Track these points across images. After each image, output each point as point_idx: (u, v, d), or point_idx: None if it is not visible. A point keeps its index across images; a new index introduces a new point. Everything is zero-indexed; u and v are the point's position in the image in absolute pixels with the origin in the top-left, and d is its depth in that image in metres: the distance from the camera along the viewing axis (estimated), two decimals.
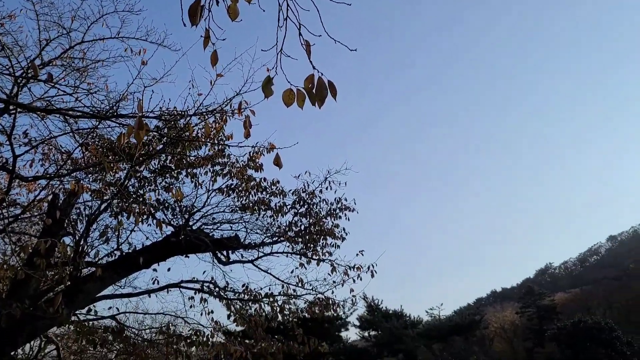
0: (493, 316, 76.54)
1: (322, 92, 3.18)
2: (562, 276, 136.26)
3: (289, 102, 3.24)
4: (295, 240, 9.02)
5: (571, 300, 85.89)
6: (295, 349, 8.82)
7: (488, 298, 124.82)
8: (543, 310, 73.05)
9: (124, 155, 7.12)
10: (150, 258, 7.75)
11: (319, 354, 27.07)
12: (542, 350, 60.56)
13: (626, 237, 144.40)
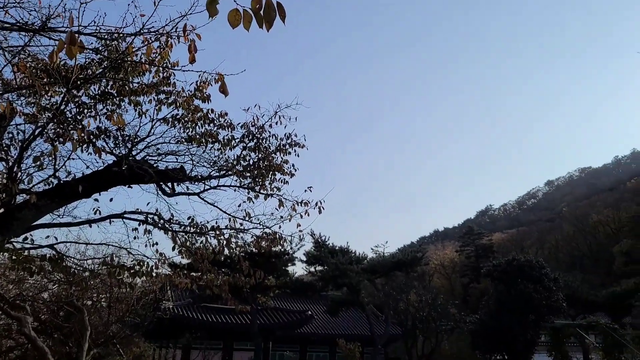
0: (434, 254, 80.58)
1: (270, 13, 3.07)
2: (501, 217, 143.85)
3: (235, 23, 3.12)
4: (244, 174, 8.91)
5: (507, 240, 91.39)
6: (241, 281, 8.94)
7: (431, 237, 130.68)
8: (481, 249, 77.44)
9: (59, 77, 6.67)
10: (91, 187, 7.49)
11: (265, 286, 27.77)
12: (478, 285, 64.69)
13: (562, 182, 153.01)
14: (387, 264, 32.73)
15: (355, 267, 30.43)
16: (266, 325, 30.69)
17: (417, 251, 35.34)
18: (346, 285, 30.28)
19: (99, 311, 15.15)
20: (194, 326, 27.41)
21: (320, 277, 31.72)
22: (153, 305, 18.05)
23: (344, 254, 31.42)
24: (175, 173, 8.37)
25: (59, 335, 13.73)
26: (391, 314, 30.04)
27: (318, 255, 31.43)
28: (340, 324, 38.41)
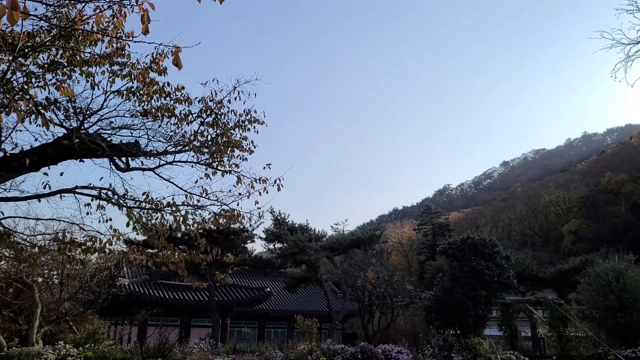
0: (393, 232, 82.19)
1: None
2: (458, 197, 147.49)
3: None
4: (201, 150, 8.75)
5: (463, 219, 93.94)
6: (198, 258, 8.87)
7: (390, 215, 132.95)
8: (438, 227, 79.50)
9: (6, 45, 6.34)
10: (39, 160, 7.20)
11: (224, 263, 27.68)
12: (434, 263, 66.53)
13: (517, 163, 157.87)
14: (346, 241, 33.15)
15: (314, 245, 30.67)
16: (224, 301, 30.71)
17: (375, 229, 35.93)
18: (305, 262, 30.53)
19: (51, 288, 14.80)
20: (150, 303, 27.15)
21: (280, 254, 31.84)
22: (108, 282, 17.75)
23: (304, 232, 31.59)
24: (129, 147, 8.14)
25: (8, 312, 13.35)
26: (349, 291, 30.54)
27: (277, 232, 31.47)
28: (298, 301, 38.88)
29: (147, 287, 28.68)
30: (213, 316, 26.99)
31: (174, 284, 29.94)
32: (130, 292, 26.41)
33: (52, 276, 14.37)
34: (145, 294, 27.82)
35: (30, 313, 11.17)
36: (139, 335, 25.33)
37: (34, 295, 11.28)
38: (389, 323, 29.36)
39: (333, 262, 33.69)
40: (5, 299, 13.23)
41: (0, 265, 12.21)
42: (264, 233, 32.33)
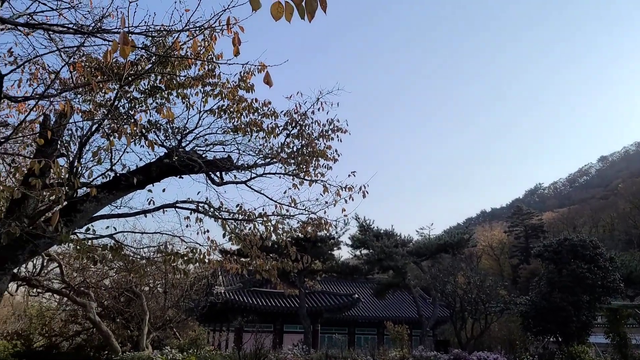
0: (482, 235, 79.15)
1: (312, 4, 3.09)
2: (551, 196, 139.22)
3: (278, 15, 3.15)
4: (288, 161, 9.07)
5: (558, 220, 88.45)
6: (288, 266, 9.14)
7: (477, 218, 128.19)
8: (530, 229, 75.50)
9: (112, 75, 6.99)
10: (145, 179, 7.84)
11: (312, 270, 28.20)
12: (527, 266, 63.23)
13: (617, 158, 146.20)
14: (433, 246, 32.47)
15: (400, 250, 30.37)
16: (314, 308, 31.16)
17: (463, 232, 34.88)
18: (392, 268, 30.30)
19: (156, 296, 15.88)
20: (245, 310, 28.16)
21: (366, 260, 31.83)
22: (206, 290, 18.72)
23: (389, 237, 31.38)
24: (223, 162, 8.64)
25: (121, 319, 14.52)
26: (438, 297, 29.87)
27: (363, 238, 31.51)
28: (387, 307, 38.54)
29: (241, 294, 29.80)
30: (304, 322, 27.50)
31: (266, 291, 30.87)
32: (226, 299, 27.57)
33: (157, 285, 15.45)
34: (240, 301, 28.92)
35: (140, 320, 12.08)
36: (236, 341, 26.38)
37: (143, 303, 12.19)
38: (482, 330, 28.33)
39: (421, 267, 33.14)
40: (119, 307, 14.40)
41: (113, 276, 13.33)
42: (349, 240, 32.54)
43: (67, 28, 4.78)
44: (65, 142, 7.44)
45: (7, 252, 6.57)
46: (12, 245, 6.46)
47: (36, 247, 6.86)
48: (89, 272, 12.63)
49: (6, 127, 7.05)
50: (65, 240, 6.50)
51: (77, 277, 12.35)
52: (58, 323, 18.31)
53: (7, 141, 6.65)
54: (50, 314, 18.53)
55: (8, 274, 7.00)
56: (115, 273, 12.70)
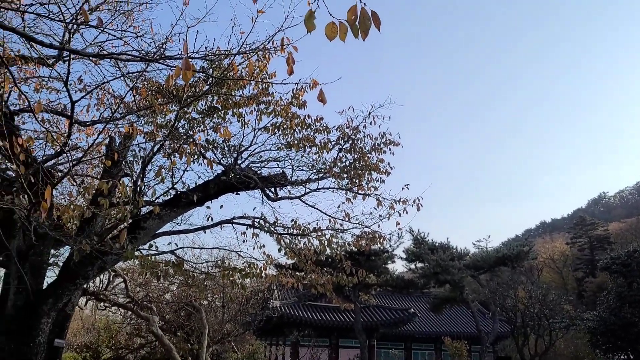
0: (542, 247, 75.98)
1: (366, 23, 3.11)
2: (617, 205, 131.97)
3: (332, 35, 3.20)
4: (341, 175, 9.13)
5: (626, 230, 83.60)
6: (343, 280, 9.15)
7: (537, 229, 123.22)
8: (595, 240, 71.83)
9: (172, 97, 7.32)
10: (203, 196, 8.11)
11: (367, 284, 27.96)
12: (594, 279, 60.12)
13: None
14: (491, 259, 31.51)
15: (457, 263, 29.68)
16: (370, 322, 30.87)
17: (522, 245, 33.66)
18: (448, 281, 29.63)
19: (215, 310, 16.25)
20: (301, 324, 28.26)
21: (422, 274, 31.30)
22: (262, 304, 18.97)
23: (445, 250, 30.75)
24: (277, 178, 8.81)
25: (182, 333, 14.96)
26: (498, 311, 28.87)
27: (418, 252, 31.04)
28: (444, 322, 37.63)
29: (297, 308, 29.96)
30: (360, 337, 27.28)
31: (321, 305, 30.89)
32: (282, 313, 27.80)
33: (215, 299, 15.83)
34: (296, 315, 29.07)
35: (200, 334, 12.41)
36: (292, 355, 26.52)
37: (202, 317, 12.52)
38: (547, 346, 27.10)
39: (478, 281, 32.22)
40: (179, 321, 14.85)
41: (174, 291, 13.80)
42: (404, 253, 32.14)
43: (132, 57, 5.07)
44: (129, 162, 7.83)
45: (78, 268, 6.95)
46: (83, 261, 6.83)
47: (104, 263, 7.22)
48: (151, 286, 13.12)
49: (77, 150, 7.51)
50: (130, 256, 6.80)
51: (140, 291, 12.86)
52: (124, 336, 19.12)
53: (78, 163, 7.08)
54: (117, 327, 19.36)
55: (79, 288, 7.39)
56: (176, 287, 13.14)
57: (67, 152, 6.27)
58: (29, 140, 5.62)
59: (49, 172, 6.56)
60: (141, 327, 15.74)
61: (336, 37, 3.21)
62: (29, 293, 6.68)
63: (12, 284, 6.82)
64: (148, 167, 7.70)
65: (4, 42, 5.94)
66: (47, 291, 7.00)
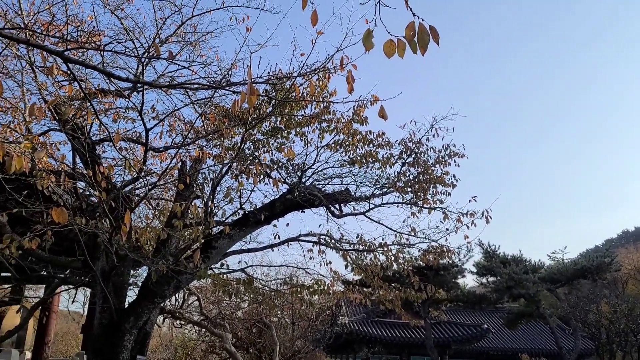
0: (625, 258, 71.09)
1: (424, 38, 3.11)
2: None
3: (390, 53, 3.22)
4: (405, 190, 9.08)
5: None
6: (412, 296, 9.03)
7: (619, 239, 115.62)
8: None
9: (238, 120, 7.62)
10: (270, 215, 8.31)
11: (436, 300, 27.34)
12: None
13: None
14: (569, 271, 29.90)
15: (531, 277, 28.39)
16: (442, 339, 30.07)
17: (604, 256, 31.71)
18: (523, 296, 28.37)
19: (284, 327, 16.45)
20: (370, 341, 27.99)
21: (494, 288, 30.18)
22: (331, 321, 19.00)
23: (518, 263, 29.53)
24: (341, 195, 8.88)
25: (254, 350, 15.25)
26: (580, 327, 27.30)
27: (489, 265, 30.01)
28: (520, 338, 35.97)
29: (366, 325, 29.72)
30: (432, 354, 26.62)
31: (390, 321, 30.48)
32: (351, 330, 27.67)
33: (285, 316, 16.04)
34: (365, 331, 28.83)
35: (271, 350, 12.61)
36: None
37: (273, 334, 12.72)
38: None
39: (556, 294, 30.63)
40: (251, 338, 15.16)
41: (245, 308, 14.13)
42: (474, 267, 31.17)
43: (201, 84, 5.36)
44: (200, 185, 8.18)
45: (156, 288, 7.30)
46: (160, 281, 7.17)
47: (179, 283, 7.55)
48: (224, 304, 13.51)
49: (152, 175, 7.95)
50: (203, 275, 7.07)
51: (214, 309, 13.27)
52: (199, 353, 19.72)
53: (153, 188, 7.49)
54: (192, 345, 20.02)
55: (157, 307, 7.75)
56: (247, 305, 13.45)
57: (143, 177, 6.66)
58: (109, 167, 6.02)
59: (127, 197, 7.00)
60: (215, 344, 16.20)
61: (394, 54, 3.23)
62: (113, 312, 7.09)
63: (98, 303, 7.27)
64: (217, 188, 8.01)
65: (86, 78, 6.45)
66: (129, 310, 7.39)
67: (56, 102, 6.08)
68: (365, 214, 9.26)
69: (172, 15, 6.60)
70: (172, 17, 6.63)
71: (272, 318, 14.83)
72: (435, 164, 9.22)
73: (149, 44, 5.47)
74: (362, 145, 8.81)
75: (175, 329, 19.44)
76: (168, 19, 6.65)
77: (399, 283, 17.81)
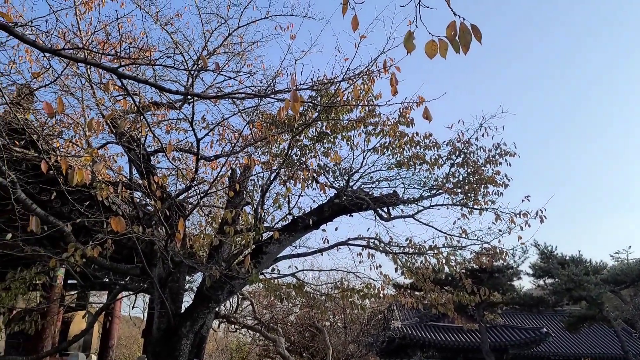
0: None
1: (466, 37, 3.08)
2: None
3: (432, 53, 3.20)
4: (454, 191, 8.94)
5: None
6: (465, 299, 8.88)
7: None
8: None
9: (284, 127, 7.75)
10: (318, 219, 8.39)
11: (491, 303, 26.63)
12: None
13: None
14: (634, 272, 28.45)
15: (592, 278, 27.20)
16: (498, 343, 29.25)
17: None
18: (584, 298, 27.21)
19: (337, 332, 16.50)
20: (424, 345, 27.61)
21: (552, 290, 29.10)
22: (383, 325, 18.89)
23: (577, 264, 28.38)
24: (389, 198, 8.84)
25: (307, 354, 15.37)
26: None
27: (546, 266, 28.99)
28: (583, 342, 34.48)
29: (419, 329, 29.34)
30: (488, 359, 25.95)
31: (444, 325, 29.96)
32: (404, 334, 27.38)
33: (337, 321, 16.09)
34: (418, 336, 28.45)
35: (324, 355, 12.68)
36: None
37: (325, 338, 12.79)
38: None
39: (620, 296, 29.21)
40: (304, 342, 15.30)
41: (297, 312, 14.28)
42: (530, 268, 30.23)
43: (247, 94, 5.50)
44: (250, 191, 8.37)
45: (210, 293, 7.51)
46: (214, 286, 7.38)
47: (233, 287, 7.73)
48: (276, 308, 13.70)
49: (203, 183, 8.21)
50: (255, 280, 7.21)
51: (267, 313, 13.49)
52: (254, 357, 20.07)
53: (205, 196, 7.73)
54: (247, 349, 20.38)
55: (212, 312, 7.97)
56: (299, 309, 13.58)
57: (196, 185, 6.88)
58: (163, 177, 6.27)
59: (181, 205, 7.25)
60: (269, 348, 16.45)
61: (436, 54, 3.22)
62: (170, 317, 7.34)
63: (156, 308, 7.55)
64: (266, 195, 8.16)
65: (140, 92, 6.76)
66: (185, 314, 7.64)
67: (113, 116, 6.39)
68: (414, 216, 9.18)
69: (219, 27, 6.83)
70: (219, 29, 6.86)
71: (324, 322, 14.90)
72: (486, 164, 9.05)
73: (198, 56, 5.67)
74: (409, 148, 8.76)
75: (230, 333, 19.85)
76: (215, 31, 6.88)
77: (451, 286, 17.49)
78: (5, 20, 3.22)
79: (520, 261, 26.40)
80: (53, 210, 7.71)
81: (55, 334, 10.50)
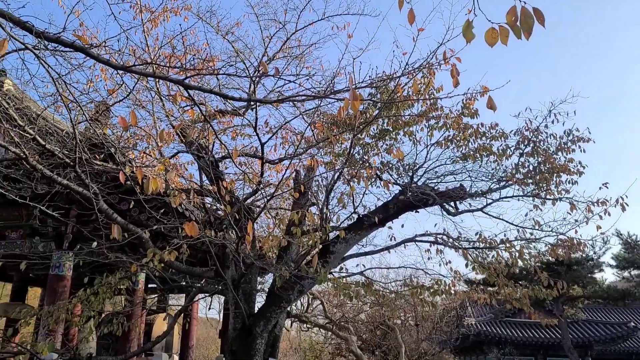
0: None
1: (528, 22, 2.98)
2: None
3: (492, 41, 3.12)
4: (525, 182, 8.62)
5: None
6: (542, 293, 8.54)
7: None
8: None
9: (346, 126, 7.79)
10: (384, 217, 8.34)
11: (571, 297, 25.37)
12: None
13: None
14: None
15: None
16: (581, 339, 27.83)
17: None
18: None
19: (408, 329, 16.33)
20: (501, 342, 26.75)
21: (639, 282, 27.33)
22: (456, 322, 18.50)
23: None
24: (455, 192, 8.65)
25: (379, 352, 15.34)
26: None
27: (630, 257, 27.27)
28: None
29: (494, 325, 28.45)
30: (571, 355, 24.72)
31: (520, 321, 28.88)
32: (478, 331, 26.66)
33: (408, 318, 15.93)
34: (494, 332, 27.60)
35: (397, 353, 12.60)
36: None
37: (397, 336, 12.71)
38: None
39: None
40: (376, 341, 15.28)
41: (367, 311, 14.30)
42: (613, 260, 28.52)
43: (307, 96, 5.59)
44: (314, 192, 8.47)
45: (281, 293, 7.68)
46: (284, 286, 7.53)
47: (302, 287, 7.86)
48: (346, 307, 13.78)
49: (269, 186, 8.41)
50: (324, 279, 7.29)
51: (337, 312, 13.59)
52: (327, 355, 20.28)
53: (272, 198, 7.92)
54: (320, 347, 20.63)
55: (284, 311, 8.15)
56: (369, 307, 13.57)
57: (262, 189, 7.06)
58: (231, 182, 6.49)
59: (249, 208, 7.47)
60: (341, 346, 16.56)
61: (497, 42, 3.13)
62: (244, 317, 7.58)
63: (230, 309, 7.82)
64: (331, 194, 8.23)
65: (205, 101, 7.03)
66: (259, 314, 7.86)
67: (182, 126, 6.70)
68: (482, 210, 8.92)
69: (277, 32, 6.98)
70: (277, 34, 7.01)
71: (395, 320, 14.80)
72: (557, 152, 8.66)
73: (258, 63, 5.83)
74: (474, 139, 8.54)
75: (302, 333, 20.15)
76: (274, 37, 7.04)
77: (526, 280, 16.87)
78: (82, 43, 3.47)
79: (601, 252, 25.02)
80: (132, 218, 8.18)
81: (140, 335, 11.11)
